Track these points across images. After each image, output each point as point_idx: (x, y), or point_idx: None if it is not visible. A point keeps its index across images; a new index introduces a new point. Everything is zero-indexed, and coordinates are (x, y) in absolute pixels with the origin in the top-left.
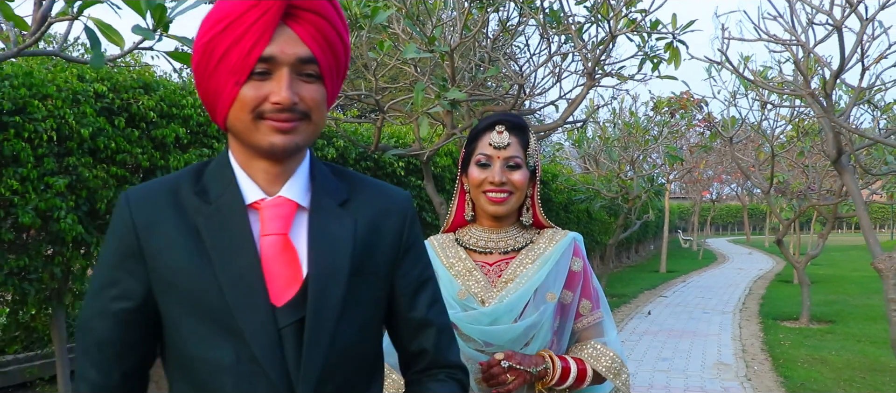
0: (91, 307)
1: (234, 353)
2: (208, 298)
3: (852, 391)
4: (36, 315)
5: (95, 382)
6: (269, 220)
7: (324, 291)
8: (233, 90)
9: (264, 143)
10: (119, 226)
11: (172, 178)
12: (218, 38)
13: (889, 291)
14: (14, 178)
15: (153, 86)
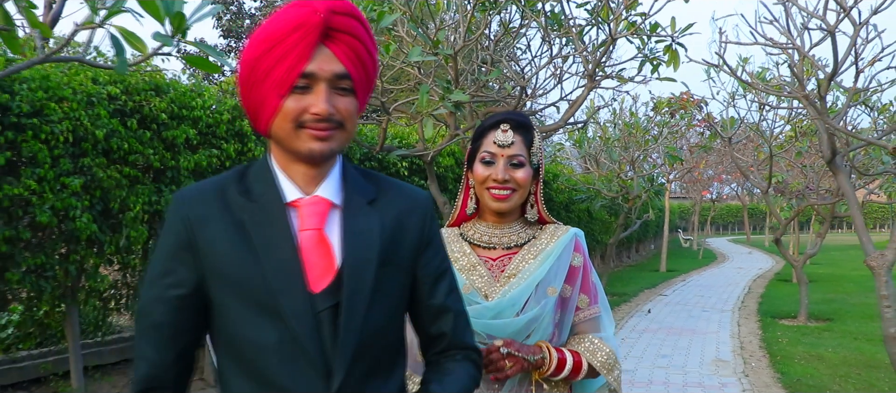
0: (149, 294)
1: (278, 334)
2: (254, 285)
3: (847, 387)
4: (49, 312)
5: (153, 360)
6: (306, 216)
7: (356, 280)
8: (276, 102)
9: (304, 148)
10: (174, 222)
11: (219, 179)
12: (264, 56)
13: (881, 287)
14: (32, 179)
15: (164, 88)
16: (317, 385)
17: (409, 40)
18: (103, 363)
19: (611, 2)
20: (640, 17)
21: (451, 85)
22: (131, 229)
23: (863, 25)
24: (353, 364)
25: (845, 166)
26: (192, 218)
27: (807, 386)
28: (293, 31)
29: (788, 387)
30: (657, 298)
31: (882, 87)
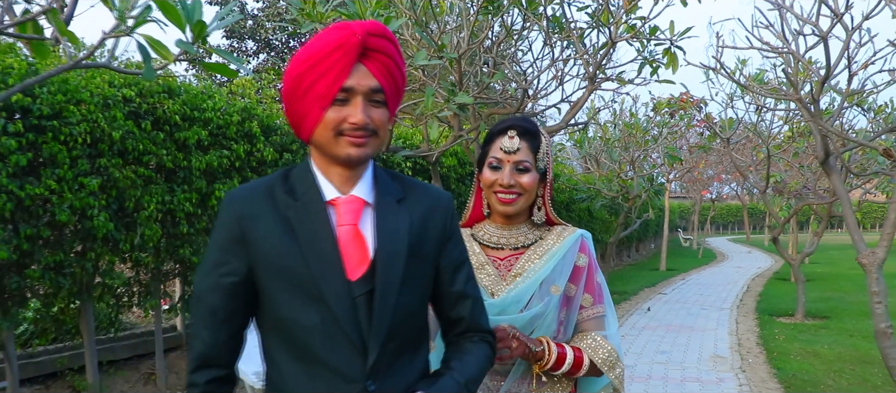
0: (204, 282)
1: (320, 316)
2: (299, 273)
3: (841, 382)
4: (64, 308)
5: (208, 340)
6: (343, 213)
7: (388, 270)
8: (319, 113)
9: (342, 154)
10: (226, 219)
11: (266, 180)
12: (307, 73)
13: (872, 284)
14: (52, 179)
15: (176, 90)
16: (354, 361)
17: (413, 43)
18: (116, 359)
19: (611, 5)
20: (639, 20)
21: (456, 87)
22: (145, 228)
23: (855, 30)
24: (386, 343)
25: (838, 167)
26: (244, 215)
27: (802, 381)
28: (334, 51)
29: (784, 382)
30: (657, 297)
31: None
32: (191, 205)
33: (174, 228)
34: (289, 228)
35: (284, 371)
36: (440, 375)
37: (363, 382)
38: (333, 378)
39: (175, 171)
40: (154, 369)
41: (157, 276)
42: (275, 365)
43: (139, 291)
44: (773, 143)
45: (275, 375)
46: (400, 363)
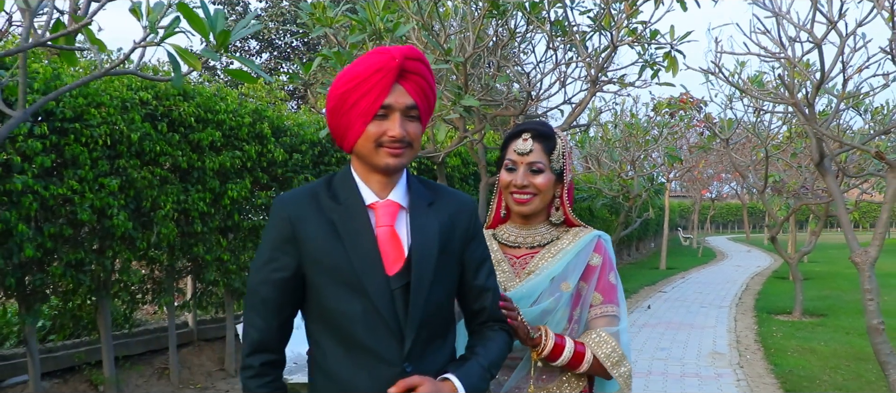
0: (257, 277)
1: (362, 306)
2: (343, 268)
3: (836, 377)
4: (81, 305)
5: (261, 328)
6: (381, 216)
7: (421, 266)
8: (361, 127)
9: (382, 163)
10: (277, 220)
11: (311, 186)
12: (351, 91)
13: (865, 282)
14: (74, 179)
15: (191, 93)
16: (392, 346)
17: (420, 46)
18: (130, 354)
19: (612, 10)
20: (640, 24)
21: (462, 90)
22: (162, 227)
23: (848, 36)
24: (420, 331)
25: (833, 169)
26: (294, 217)
27: (798, 377)
28: (376, 73)
29: (780, 377)
30: (657, 295)
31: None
32: (204, 204)
33: (188, 227)
34: (333, 228)
35: (329, 355)
36: (466, 360)
37: (400, 364)
38: (374, 361)
39: (189, 172)
40: (167, 364)
41: (171, 273)
42: (320, 349)
43: (153, 289)
44: (772, 143)
45: (320, 358)
46: (431, 349)
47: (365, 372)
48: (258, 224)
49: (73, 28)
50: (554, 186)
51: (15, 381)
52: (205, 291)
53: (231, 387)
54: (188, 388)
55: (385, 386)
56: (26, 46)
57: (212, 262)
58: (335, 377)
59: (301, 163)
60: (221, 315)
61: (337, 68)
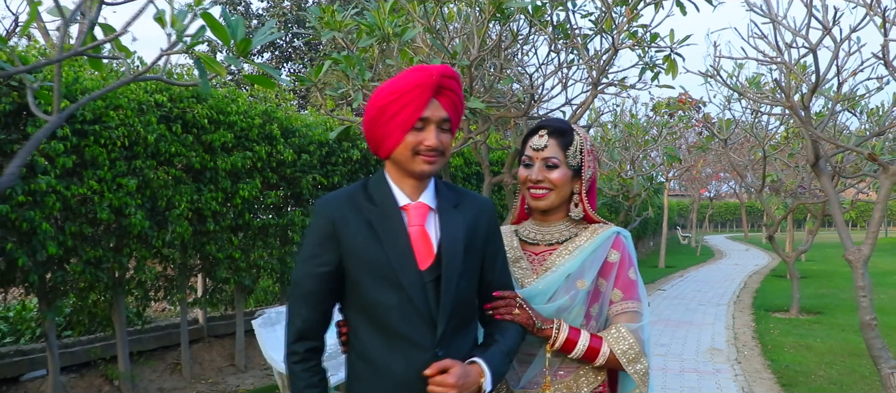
0: (302, 271)
1: (397, 298)
2: (380, 263)
3: (831, 372)
4: (97, 301)
5: (305, 317)
6: (413, 216)
7: (450, 261)
8: (400, 136)
9: (418, 169)
10: (320, 220)
11: (349, 189)
12: (392, 104)
13: (858, 279)
14: (93, 180)
15: (203, 95)
16: (425, 333)
17: (425, 49)
18: (144, 350)
19: (614, 13)
20: (641, 28)
21: (468, 93)
22: (177, 225)
23: (843, 42)
24: (450, 319)
25: (828, 169)
26: (335, 217)
27: (794, 372)
28: (415, 88)
29: (777, 373)
30: (656, 293)
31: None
32: (217, 204)
33: (201, 226)
34: (371, 228)
35: (366, 341)
36: (489, 346)
37: (433, 349)
38: (409, 347)
39: (202, 172)
40: (179, 360)
41: (183, 271)
42: (358, 337)
43: (165, 286)
44: (771, 143)
45: (358, 345)
46: (459, 336)
47: (400, 356)
48: (267, 223)
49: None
50: (571, 182)
51: (33, 375)
52: (215, 289)
53: (241, 382)
54: (200, 382)
55: (419, 369)
56: (64, 56)
57: (223, 260)
58: (373, 361)
59: (309, 163)
60: (230, 312)
61: (347, 71)
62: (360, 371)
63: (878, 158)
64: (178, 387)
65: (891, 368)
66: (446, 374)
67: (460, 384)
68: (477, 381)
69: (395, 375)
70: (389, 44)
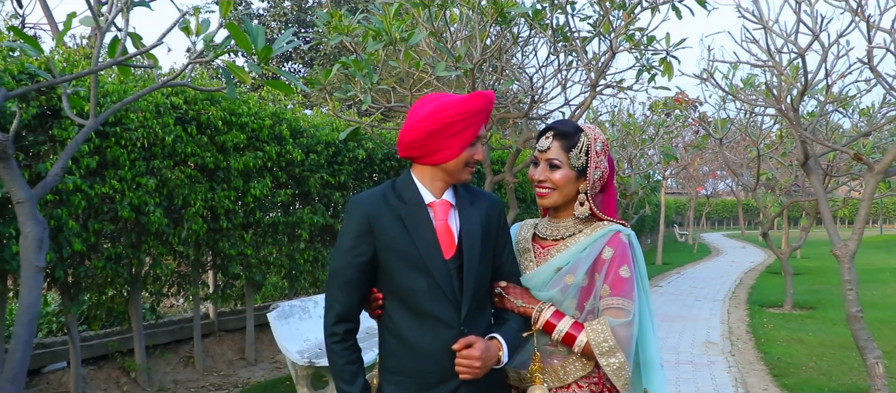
0: (341, 261)
1: (426, 282)
2: (411, 254)
3: (822, 364)
4: (114, 296)
5: (344, 302)
6: (438, 212)
7: (470, 251)
8: (459, 151)
9: (464, 178)
10: (356, 216)
11: (378, 190)
12: (459, 122)
13: (845, 273)
14: (115, 179)
15: (216, 98)
16: (451, 313)
17: (429, 52)
18: (157, 343)
19: (611, 17)
20: (638, 31)
21: None
22: (192, 223)
23: (831, 46)
24: (471, 301)
25: (817, 168)
26: (370, 214)
27: (785, 364)
28: (480, 112)
29: (769, 364)
30: (653, 289)
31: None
32: (229, 202)
33: (214, 224)
34: (402, 222)
35: (398, 321)
36: (503, 323)
37: (458, 328)
38: (437, 325)
39: (215, 171)
40: (192, 353)
41: (197, 267)
42: (391, 318)
43: (178, 282)
44: (766, 141)
45: (390, 325)
46: (478, 315)
47: (430, 333)
48: (277, 220)
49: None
50: (575, 182)
51: (54, 367)
52: (226, 284)
53: (252, 374)
54: (212, 375)
55: (446, 344)
56: (103, 66)
57: (235, 256)
58: (404, 339)
59: (317, 162)
60: (240, 307)
61: (356, 75)
62: (394, 347)
63: (863, 158)
64: (191, 379)
65: (875, 358)
66: (471, 348)
67: (484, 357)
68: (496, 354)
69: (426, 350)
70: (395, 47)
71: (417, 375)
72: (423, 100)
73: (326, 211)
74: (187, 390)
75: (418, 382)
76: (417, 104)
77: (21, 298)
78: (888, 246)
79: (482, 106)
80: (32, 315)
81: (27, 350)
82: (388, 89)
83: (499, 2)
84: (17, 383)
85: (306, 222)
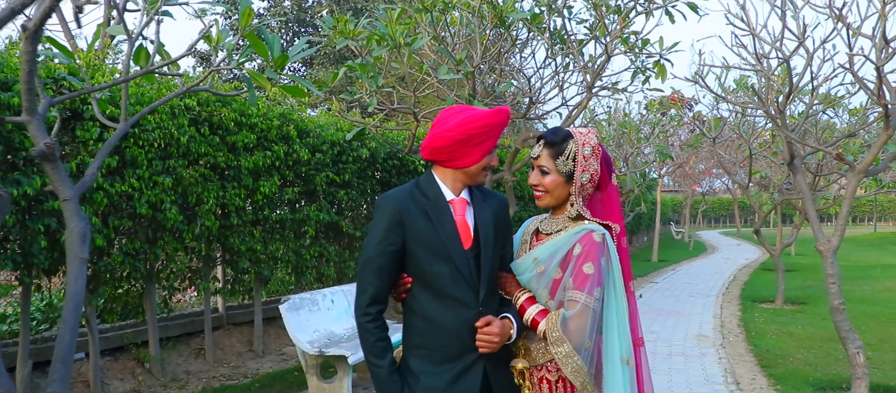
0: (375, 251)
1: (448, 269)
2: (436, 244)
3: (809, 355)
4: (128, 290)
5: (377, 286)
6: (457, 208)
7: (485, 242)
8: (480, 158)
9: (481, 180)
10: (388, 210)
11: (405, 188)
12: (482, 134)
13: (828, 268)
14: (133, 178)
15: (228, 100)
16: (471, 296)
17: (431, 54)
18: (169, 336)
19: (607, 21)
20: (632, 34)
21: (472, 97)
22: (205, 220)
23: (816, 51)
24: (486, 286)
25: (802, 167)
26: (400, 208)
27: (774, 355)
28: (500, 125)
29: (758, 356)
30: (649, 285)
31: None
32: (240, 200)
33: (226, 220)
34: (427, 217)
35: (424, 303)
36: (510, 306)
37: (477, 308)
38: (458, 306)
39: (226, 170)
40: (203, 345)
41: (208, 262)
42: (417, 300)
43: (190, 277)
44: (759, 141)
45: (416, 306)
46: (492, 297)
47: (452, 313)
48: (284, 217)
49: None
50: (564, 185)
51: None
52: (236, 279)
53: (260, 366)
54: (222, 366)
55: (466, 323)
56: (134, 75)
57: (245, 252)
58: (429, 317)
59: (322, 162)
60: (247, 302)
61: (362, 78)
62: (419, 326)
63: (845, 158)
64: (203, 370)
65: (856, 348)
66: (491, 326)
67: (500, 333)
68: (509, 331)
69: (448, 327)
70: (400, 51)
71: (440, 349)
72: (449, 111)
73: (331, 208)
74: (199, 381)
75: (441, 354)
76: (444, 114)
77: (67, 286)
78: (881, 243)
79: (502, 121)
80: (78, 301)
81: (74, 333)
82: (391, 90)
83: (499, 7)
84: (67, 363)
85: (312, 219)
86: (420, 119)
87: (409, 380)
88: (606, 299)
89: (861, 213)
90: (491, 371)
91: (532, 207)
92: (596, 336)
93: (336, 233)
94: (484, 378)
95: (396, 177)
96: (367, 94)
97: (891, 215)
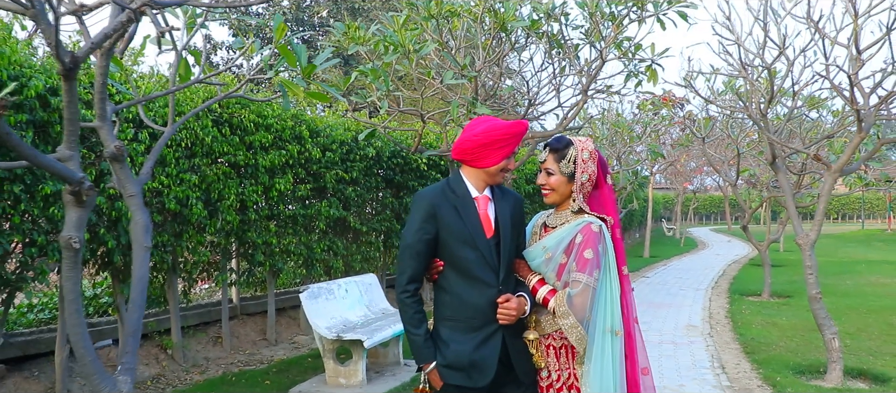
0: (412, 239)
1: (474, 254)
2: (464, 233)
3: (791, 343)
4: (152, 281)
5: (415, 267)
6: (480, 203)
7: (505, 232)
8: (499, 160)
9: (500, 180)
10: (423, 205)
11: (437, 186)
12: (503, 140)
13: (806, 260)
14: (163, 176)
15: (246, 102)
16: (492, 277)
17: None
18: (188, 325)
19: (601, 27)
20: (626, 40)
21: (476, 99)
22: (227, 215)
23: (795, 60)
24: (506, 269)
25: (783, 167)
26: (434, 203)
27: (758, 343)
28: (519, 133)
29: (743, 344)
30: (640, 280)
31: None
32: (257, 196)
33: (243, 215)
34: (456, 211)
35: (452, 282)
36: (522, 285)
37: (497, 287)
38: (482, 285)
39: (245, 167)
40: (220, 334)
41: (226, 255)
42: (448, 280)
43: (208, 269)
44: (747, 140)
45: (446, 285)
46: (509, 279)
47: (476, 291)
48: (296, 213)
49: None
50: (567, 184)
51: (101, 344)
52: (250, 271)
53: (274, 354)
54: (239, 353)
55: (488, 299)
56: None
57: (261, 245)
58: (458, 294)
59: (332, 160)
60: (260, 293)
61: (373, 82)
62: (448, 301)
63: (821, 158)
64: (220, 356)
65: (832, 334)
66: (509, 302)
67: (517, 308)
68: (524, 307)
69: (473, 303)
70: (409, 58)
71: (465, 321)
72: (476, 121)
73: (340, 204)
74: (219, 366)
75: (466, 325)
76: (473, 122)
77: (134, 271)
78: (867, 240)
79: (520, 131)
80: (143, 285)
81: (140, 312)
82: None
83: (501, 16)
84: (135, 338)
85: (323, 215)
86: (426, 120)
87: (440, 346)
88: (601, 279)
89: (850, 210)
90: (508, 340)
91: (529, 204)
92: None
93: (344, 227)
94: (502, 345)
95: (400, 174)
96: (377, 98)
97: (879, 212)
